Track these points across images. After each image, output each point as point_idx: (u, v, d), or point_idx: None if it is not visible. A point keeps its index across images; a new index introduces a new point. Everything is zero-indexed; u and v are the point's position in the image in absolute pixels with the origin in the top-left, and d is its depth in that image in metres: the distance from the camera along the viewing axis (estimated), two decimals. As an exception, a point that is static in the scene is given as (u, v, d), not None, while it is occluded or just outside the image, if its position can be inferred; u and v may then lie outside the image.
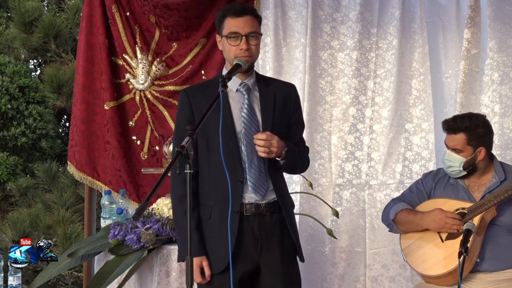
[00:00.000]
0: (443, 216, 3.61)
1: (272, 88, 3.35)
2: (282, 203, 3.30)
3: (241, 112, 3.26)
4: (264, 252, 3.27)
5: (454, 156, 3.67)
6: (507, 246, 3.62)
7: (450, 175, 3.74)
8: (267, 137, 3.19)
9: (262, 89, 3.33)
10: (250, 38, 3.23)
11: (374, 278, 4.50)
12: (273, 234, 3.28)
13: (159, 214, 3.92)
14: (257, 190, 3.24)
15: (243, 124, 3.25)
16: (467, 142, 3.64)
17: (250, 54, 3.23)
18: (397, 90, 4.51)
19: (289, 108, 3.37)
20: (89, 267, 4.65)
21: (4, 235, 6.26)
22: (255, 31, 3.24)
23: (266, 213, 3.27)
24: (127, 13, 4.70)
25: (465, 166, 3.65)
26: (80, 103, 4.71)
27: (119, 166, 4.63)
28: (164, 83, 4.70)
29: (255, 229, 3.26)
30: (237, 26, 3.23)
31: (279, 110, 3.32)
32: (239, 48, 3.22)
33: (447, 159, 3.69)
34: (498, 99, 4.31)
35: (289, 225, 3.31)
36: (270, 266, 3.27)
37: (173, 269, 3.78)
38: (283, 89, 3.39)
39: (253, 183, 3.24)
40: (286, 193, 3.38)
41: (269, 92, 3.33)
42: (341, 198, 4.57)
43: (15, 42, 7.55)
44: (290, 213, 3.35)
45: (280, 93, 3.35)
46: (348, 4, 4.58)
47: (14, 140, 7.01)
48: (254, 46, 3.24)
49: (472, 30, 4.34)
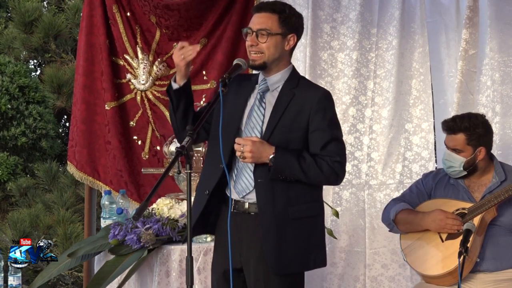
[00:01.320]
0: (443, 217, 3.61)
1: (295, 90, 3.20)
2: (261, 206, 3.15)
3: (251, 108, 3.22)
4: (244, 252, 3.21)
5: (454, 156, 3.67)
6: (507, 246, 3.62)
7: (451, 175, 3.74)
8: (238, 141, 3.11)
9: (284, 90, 3.22)
10: (259, 35, 3.16)
11: (374, 278, 4.51)
12: (255, 236, 3.18)
13: (159, 214, 3.92)
14: (236, 186, 3.20)
15: (248, 120, 3.21)
16: (467, 142, 3.64)
17: (257, 51, 3.16)
18: (397, 90, 4.51)
19: (307, 114, 3.16)
20: (89, 267, 4.65)
21: (4, 235, 6.25)
22: (265, 28, 3.15)
23: (250, 212, 3.20)
24: (128, 14, 4.70)
25: (465, 166, 3.65)
26: (81, 103, 4.71)
27: (120, 166, 4.63)
28: (165, 83, 4.70)
29: (238, 227, 3.18)
30: (252, 21, 3.19)
31: (291, 114, 3.16)
32: (248, 44, 3.19)
33: (447, 159, 3.69)
34: (499, 99, 4.31)
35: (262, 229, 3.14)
36: (248, 268, 3.22)
37: (173, 269, 3.78)
38: (308, 93, 3.21)
39: (240, 182, 3.20)
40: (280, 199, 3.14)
41: (288, 93, 3.20)
42: (341, 198, 4.57)
43: (15, 42, 7.54)
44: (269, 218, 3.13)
45: (300, 97, 3.18)
46: (348, 4, 4.58)
47: (14, 140, 7.00)
48: (264, 44, 3.15)
49: (470, 30, 4.34)
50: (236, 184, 3.22)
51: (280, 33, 3.18)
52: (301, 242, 3.18)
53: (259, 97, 3.23)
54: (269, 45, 3.16)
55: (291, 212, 3.16)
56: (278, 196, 3.16)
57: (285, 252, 3.16)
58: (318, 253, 3.25)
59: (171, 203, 3.96)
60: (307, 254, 3.21)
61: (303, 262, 3.22)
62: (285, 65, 3.26)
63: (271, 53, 3.17)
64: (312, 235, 3.21)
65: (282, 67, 3.24)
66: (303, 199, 3.19)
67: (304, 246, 3.19)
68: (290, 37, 3.21)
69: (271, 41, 3.16)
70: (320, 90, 3.26)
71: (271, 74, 3.24)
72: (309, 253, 3.21)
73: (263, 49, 3.16)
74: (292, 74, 3.26)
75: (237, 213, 3.21)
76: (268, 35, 3.15)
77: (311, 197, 3.23)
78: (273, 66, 3.22)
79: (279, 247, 3.14)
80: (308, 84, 3.33)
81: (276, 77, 3.24)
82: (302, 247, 3.19)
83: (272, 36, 3.16)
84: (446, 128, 3.71)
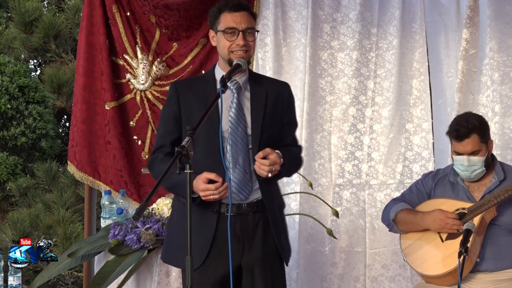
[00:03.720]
0: (443, 217, 3.61)
1: (265, 87, 3.30)
2: (267, 203, 3.23)
3: (229, 111, 3.21)
4: (246, 252, 3.21)
5: (474, 160, 3.63)
6: (507, 246, 3.62)
7: (475, 177, 3.67)
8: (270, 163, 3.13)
9: (254, 88, 3.28)
10: (247, 34, 3.20)
11: (374, 278, 4.50)
12: (256, 235, 3.22)
13: (159, 214, 3.92)
14: (240, 191, 3.19)
15: (230, 124, 3.20)
16: (481, 140, 3.63)
17: (246, 49, 3.20)
18: (398, 90, 4.51)
19: (282, 108, 3.31)
20: (89, 267, 4.65)
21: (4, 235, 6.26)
22: (252, 27, 3.21)
23: (248, 213, 3.22)
24: (128, 13, 4.71)
25: (485, 164, 3.65)
26: (81, 103, 4.71)
27: (120, 166, 4.63)
28: (165, 83, 4.70)
29: (237, 229, 3.19)
30: (234, 22, 3.20)
31: (271, 110, 3.27)
32: (235, 44, 3.19)
33: (469, 165, 3.63)
34: (499, 99, 4.31)
35: (273, 226, 3.23)
36: (250, 267, 3.22)
37: (173, 269, 3.78)
38: (276, 88, 3.34)
39: (237, 183, 3.19)
40: (276, 194, 3.32)
41: (261, 91, 3.28)
42: (341, 198, 4.57)
43: (15, 42, 7.54)
44: (276, 214, 3.27)
45: (272, 92, 3.29)
46: (348, 4, 4.58)
47: (14, 140, 7.01)
48: (251, 42, 3.21)
49: (470, 30, 4.34)
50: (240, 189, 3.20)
51: (257, 30, 3.31)
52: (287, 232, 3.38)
53: (236, 99, 3.23)
54: (253, 44, 3.25)
55: (278, 205, 3.34)
56: (273, 191, 3.31)
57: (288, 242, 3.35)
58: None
59: (171, 203, 3.96)
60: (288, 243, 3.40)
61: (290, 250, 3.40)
62: None
63: (253, 51, 3.28)
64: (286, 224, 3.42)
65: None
66: (279, 190, 3.39)
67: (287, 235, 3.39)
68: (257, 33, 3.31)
69: (254, 39, 3.25)
70: (285, 86, 3.41)
71: (241, 73, 3.27)
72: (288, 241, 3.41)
73: (250, 48, 3.22)
74: (250, 71, 3.35)
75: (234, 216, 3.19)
76: (255, 33, 3.24)
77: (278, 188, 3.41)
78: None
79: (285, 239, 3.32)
80: (270, 79, 3.53)
81: (244, 76, 3.29)
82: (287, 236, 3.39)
83: (255, 34, 3.25)
84: (459, 135, 3.63)
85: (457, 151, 3.65)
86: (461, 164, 3.65)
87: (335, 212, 4.28)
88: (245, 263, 3.22)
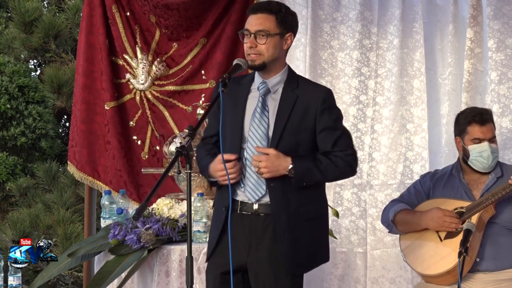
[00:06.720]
0: (441, 215, 3.61)
1: (297, 91, 3.20)
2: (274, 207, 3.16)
3: (254, 113, 3.20)
4: (252, 252, 3.20)
5: (494, 146, 3.67)
6: (506, 246, 3.62)
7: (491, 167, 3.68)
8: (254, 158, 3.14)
9: (286, 91, 3.21)
10: (257, 36, 3.16)
11: (374, 279, 4.49)
12: (265, 236, 3.19)
13: (159, 214, 3.92)
14: (254, 190, 3.20)
15: (251, 126, 3.19)
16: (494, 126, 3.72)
17: (256, 52, 3.15)
18: (399, 89, 4.50)
19: (313, 114, 3.19)
20: (89, 267, 4.65)
21: (4, 235, 6.25)
22: (263, 29, 3.15)
23: (259, 213, 3.20)
24: (127, 13, 4.70)
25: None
26: (81, 103, 4.71)
27: (119, 166, 4.63)
28: (165, 83, 4.70)
29: (246, 228, 3.20)
30: (249, 23, 3.18)
31: (298, 116, 3.18)
32: (247, 46, 3.18)
33: (493, 152, 3.66)
34: (496, 98, 4.31)
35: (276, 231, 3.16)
36: (255, 269, 3.21)
37: (173, 269, 3.78)
38: (311, 93, 3.21)
39: (249, 185, 3.20)
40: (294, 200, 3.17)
41: (291, 95, 3.19)
42: (341, 198, 4.56)
43: (15, 42, 7.54)
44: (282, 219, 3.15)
45: (304, 97, 3.19)
46: (348, 3, 4.58)
47: (14, 140, 7.00)
48: (263, 45, 3.15)
49: (475, 29, 4.34)
50: (245, 187, 3.21)
51: (278, 33, 3.19)
52: (312, 242, 3.24)
53: (261, 100, 3.22)
54: (268, 46, 3.16)
55: (303, 213, 3.20)
56: (291, 198, 3.19)
57: (299, 252, 3.20)
58: (325, 250, 3.34)
59: (171, 203, 3.96)
60: (316, 253, 3.28)
61: (313, 260, 3.29)
62: (282, 65, 3.26)
63: (270, 54, 3.17)
64: (320, 234, 3.30)
65: (280, 67, 3.24)
66: (313, 199, 3.25)
67: (315, 245, 3.26)
68: (287, 36, 3.22)
69: (270, 42, 3.16)
70: (322, 90, 3.28)
71: (271, 75, 3.23)
72: (318, 251, 3.29)
73: (262, 51, 3.16)
74: (290, 74, 3.27)
75: (245, 215, 3.22)
76: (268, 36, 3.16)
77: (319, 196, 3.30)
78: (271, 66, 3.21)
79: (294, 248, 3.18)
80: (308, 83, 3.34)
81: (276, 78, 3.23)
82: (313, 247, 3.25)
83: (272, 37, 3.16)
84: (483, 119, 3.66)
85: (478, 138, 3.66)
86: (485, 150, 3.65)
87: (336, 212, 4.27)
88: (250, 263, 3.21)
